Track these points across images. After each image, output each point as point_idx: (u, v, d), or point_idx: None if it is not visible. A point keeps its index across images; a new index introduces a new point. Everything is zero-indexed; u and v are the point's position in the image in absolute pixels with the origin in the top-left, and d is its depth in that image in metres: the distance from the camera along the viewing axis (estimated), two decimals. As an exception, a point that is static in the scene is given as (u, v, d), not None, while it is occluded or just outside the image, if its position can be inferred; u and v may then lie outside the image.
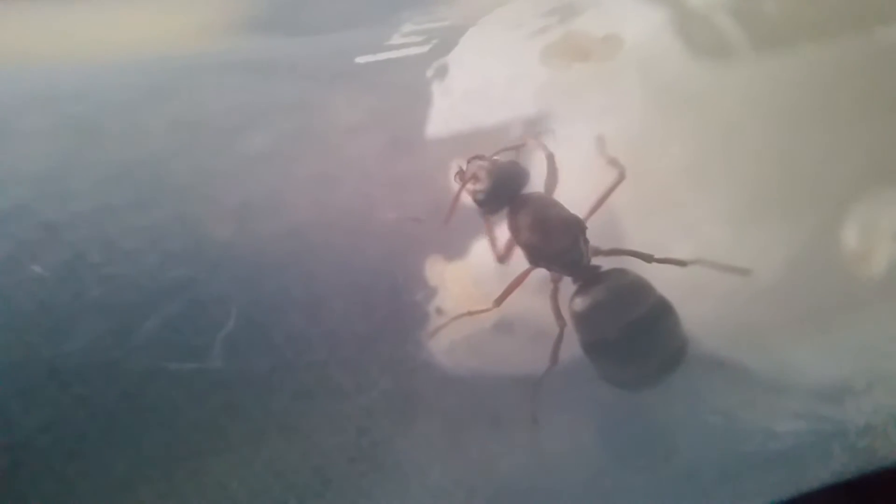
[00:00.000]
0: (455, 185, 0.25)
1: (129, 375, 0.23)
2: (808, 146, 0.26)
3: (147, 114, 0.25)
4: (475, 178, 0.25)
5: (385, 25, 0.28)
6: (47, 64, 0.27)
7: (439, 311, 0.25)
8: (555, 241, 0.25)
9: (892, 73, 0.27)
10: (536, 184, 0.26)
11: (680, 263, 0.25)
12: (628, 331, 0.24)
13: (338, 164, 0.25)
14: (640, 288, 0.24)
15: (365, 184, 0.25)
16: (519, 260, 0.25)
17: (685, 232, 0.26)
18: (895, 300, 0.27)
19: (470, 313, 0.25)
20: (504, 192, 0.25)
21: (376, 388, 0.25)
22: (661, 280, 0.25)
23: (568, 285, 0.26)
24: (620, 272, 0.25)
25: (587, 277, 0.25)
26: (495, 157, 0.25)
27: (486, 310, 0.25)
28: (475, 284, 0.25)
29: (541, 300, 0.25)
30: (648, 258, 0.25)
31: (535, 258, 0.25)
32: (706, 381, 0.26)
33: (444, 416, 0.25)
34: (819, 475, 0.27)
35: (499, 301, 0.25)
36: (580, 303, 0.25)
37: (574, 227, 0.25)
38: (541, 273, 0.26)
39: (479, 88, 0.26)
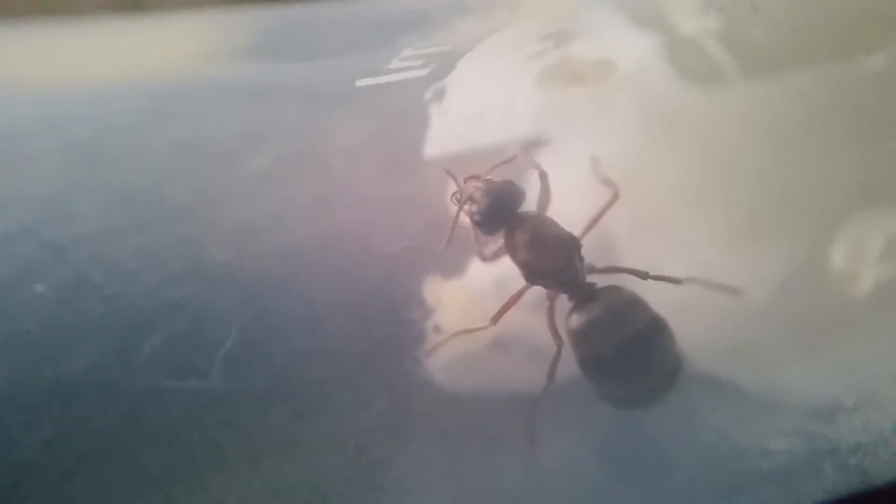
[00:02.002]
0: (452, 207, 0.25)
1: (129, 395, 0.23)
2: (796, 168, 0.27)
3: (149, 137, 0.26)
4: (472, 199, 0.25)
5: (385, 50, 0.28)
6: (51, 88, 0.27)
7: (437, 329, 0.25)
8: (551, 258, 0.25)
9: (873, 98, 0.27)
10: (529, 201, 0.26)
11: (674, 281, 0.25)
12: (623, 347, 0.24)
13: (337, 186, 0.26)
14: (635, 305, 0.25)
15: (364, 205, 0.26)
16: (515, 278, 0.26)
17: (678, 251, 0.26)
18: (882, 319, 0.27)
19: (467, 331, 0.25)
20: (501, 212, 0.25)
21: (375, 406, 0.25)
22: (656, 299, 0.25)
23: (564, 304, 0.26)
24: (616, 289, 0.25)
25: (583, 295, 0.25)
26: (489, 177, 0.25)
27: (483, 327, 0.25)
28: (472, 302, 0.26)
29: (537, 318, 0.26)
30: (644, 275, 0.25)
31: (532, 276, 0.26)
32: (700, 398, 0.26)
33: (443, 434, 0.25)
34: (811, 493, 0.27)
35: (495, 319, 0.25)
36: (576, 320, 0.25)
37: (570, 245, 0.25)
38: (537, 291, 0.26)
39: (476, 111, 0.27)
